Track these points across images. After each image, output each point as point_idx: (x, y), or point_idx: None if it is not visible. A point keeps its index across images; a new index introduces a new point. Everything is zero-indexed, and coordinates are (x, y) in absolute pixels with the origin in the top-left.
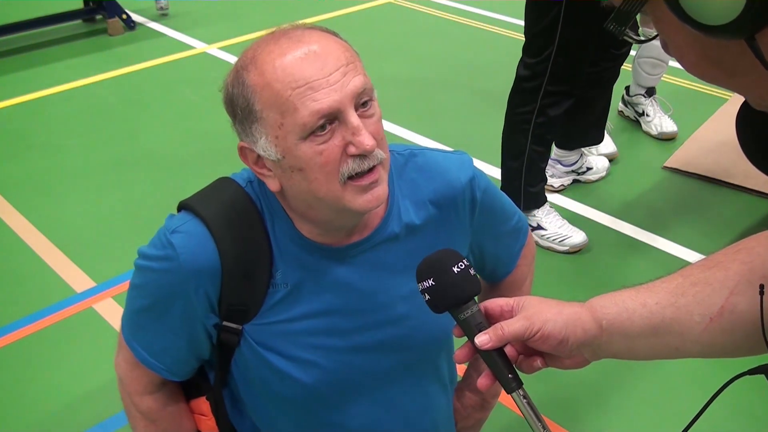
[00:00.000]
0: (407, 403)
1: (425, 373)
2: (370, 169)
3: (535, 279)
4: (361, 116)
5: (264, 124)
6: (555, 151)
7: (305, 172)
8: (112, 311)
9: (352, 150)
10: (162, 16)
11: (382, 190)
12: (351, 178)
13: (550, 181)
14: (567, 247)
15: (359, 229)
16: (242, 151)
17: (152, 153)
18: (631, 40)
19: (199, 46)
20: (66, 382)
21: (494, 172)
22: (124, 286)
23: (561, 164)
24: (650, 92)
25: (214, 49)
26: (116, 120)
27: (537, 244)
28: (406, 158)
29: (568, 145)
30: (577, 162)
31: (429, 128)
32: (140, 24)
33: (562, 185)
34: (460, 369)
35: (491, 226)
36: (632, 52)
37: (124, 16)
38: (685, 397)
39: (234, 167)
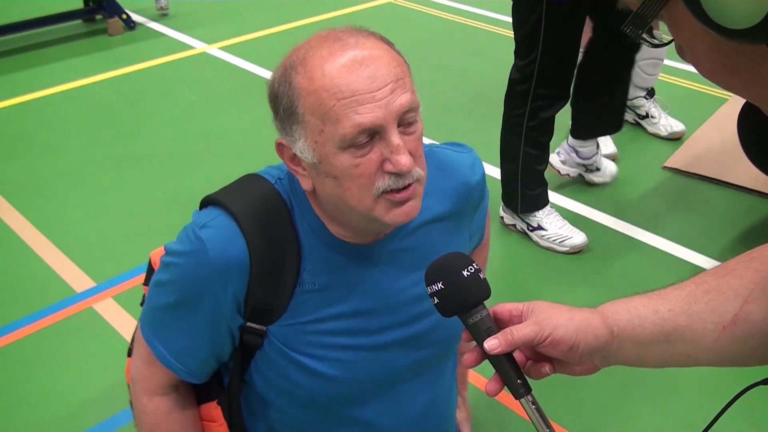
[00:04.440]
0: (425, 396)
1: (441, 367)
2: (406, 186)
3: (536, 279)
4: (402, 133)
5: (305, 127)
6: (571, 139)
7: (339, 181)
8: (112, 311)
9: (389, 167)
10: (162, 16)
11: (415, 205)
12: (386, 192)
13: (559, 167)
14: (567, 248)
15: (386, 229)
16: (279, 147)
17: (152, 153)
18: (647, 44)
19: (199, 46)
20: (66, 382)
21: (488, 171)
22: (124, 286)
23: (577, 154)
24: (651, 93)
25: (214, 49)
26: (116, 120)
27: (537, 244)
28: (425, 156)
29: (582, 133)
30: (592, 157)
31: (428, 128)
32: (140, 24)
33: (568, 174)
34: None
35: (479, 213)
36: None
37: (124, 16)
38: (692, 403)
39: (234, 167)
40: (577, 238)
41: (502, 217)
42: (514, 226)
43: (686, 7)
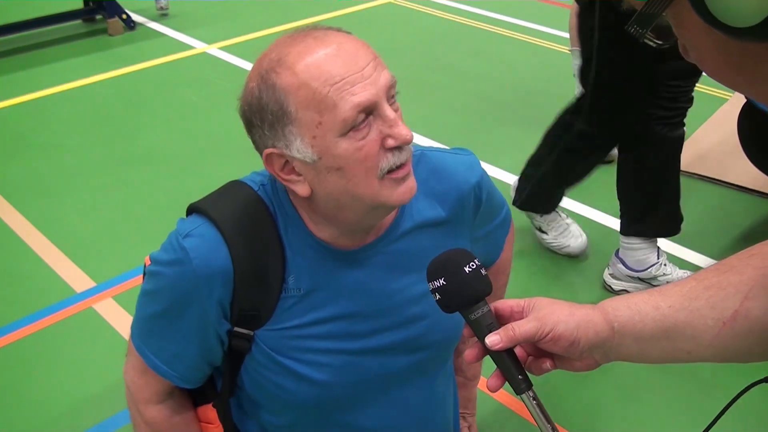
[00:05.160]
0: (419, 401)
1: (437, 370)
2: (405, 163)
3: (535, 279)
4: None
5: (299, 124)
6: (619, 248)
7: (344, 171)
8: (112, 311)
9: (390, 143)
10: (162, 16)
11: (414, 182)
12: (389, 171)
13: (610, 282)
14: (565, 254)
15: (375, 231)
16: (269, 158)
17: (152, 153)
18: (652, 44)
19: (199, 46)
20: (66, 382)
21: (488, 170)
22: (124, 286)
23: (624, 264)
24: None
25: (214, 49)
26: (116, 120)
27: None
28: (417, 158)
29: (626, 226)
30: (648, 269)
31: (429, 128)
32: (140, 24)
33: (625, 291)
34: None
35: (487, 222)
36: None
37: (124, 16)
38: (693, 402)
39: (234, 167)
40: (575, 246)
41: None
42: None
43: (690, 6)
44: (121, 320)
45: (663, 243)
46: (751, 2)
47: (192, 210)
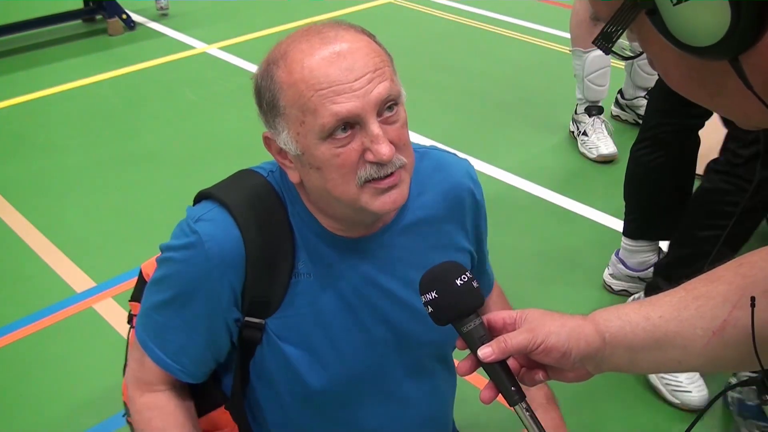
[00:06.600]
0: (420, 396)
1: (438, 365)
2: (389, 174)
3: (535, 279)
4: (384, 122)
5: (287, 119)
6: (621, 249)
7: (322, 172)
8: (112, 311)
9: (370, 156)
10: (162, 16)
11: (400, 193)
12: (369, 180)
13: (610, 282)
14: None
15: (377, 222)
16: (266, 140)
17: (152, 153)
18: (620, 58)
19: (199, 46)
20: (66, 382)
21: (489, 171)
22: (124, 286)
23: (624, 265)
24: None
25: (214, 49)
26: (116, 120)
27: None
28: (421, 155)
29: (633, 230)
30: (647, 270)
31: (429, 128)
32: (140, 24)
33: (626, 291)
34: None
35: (482, 241)
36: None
37: (124, 16)
38: None
39: (234, 167)
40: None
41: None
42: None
43: (651, 25)
44: (121, 320)
45: (664, 242)
46: (709, 24)
47: (202, 197)
